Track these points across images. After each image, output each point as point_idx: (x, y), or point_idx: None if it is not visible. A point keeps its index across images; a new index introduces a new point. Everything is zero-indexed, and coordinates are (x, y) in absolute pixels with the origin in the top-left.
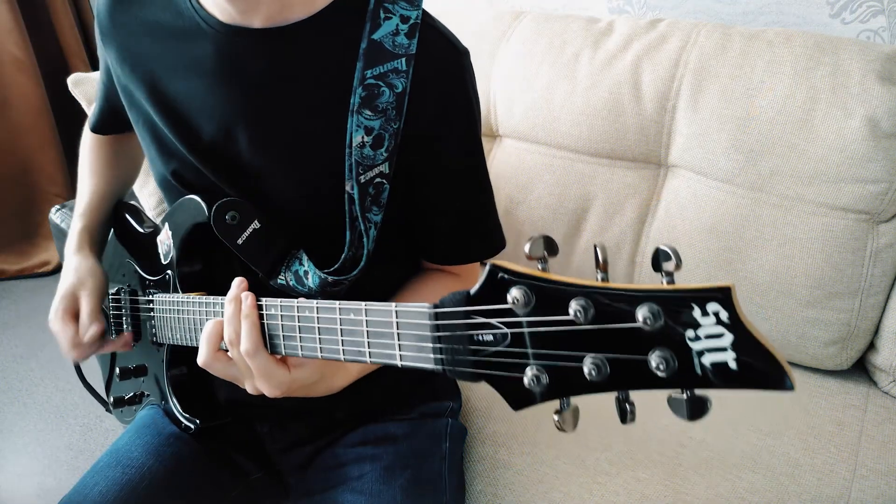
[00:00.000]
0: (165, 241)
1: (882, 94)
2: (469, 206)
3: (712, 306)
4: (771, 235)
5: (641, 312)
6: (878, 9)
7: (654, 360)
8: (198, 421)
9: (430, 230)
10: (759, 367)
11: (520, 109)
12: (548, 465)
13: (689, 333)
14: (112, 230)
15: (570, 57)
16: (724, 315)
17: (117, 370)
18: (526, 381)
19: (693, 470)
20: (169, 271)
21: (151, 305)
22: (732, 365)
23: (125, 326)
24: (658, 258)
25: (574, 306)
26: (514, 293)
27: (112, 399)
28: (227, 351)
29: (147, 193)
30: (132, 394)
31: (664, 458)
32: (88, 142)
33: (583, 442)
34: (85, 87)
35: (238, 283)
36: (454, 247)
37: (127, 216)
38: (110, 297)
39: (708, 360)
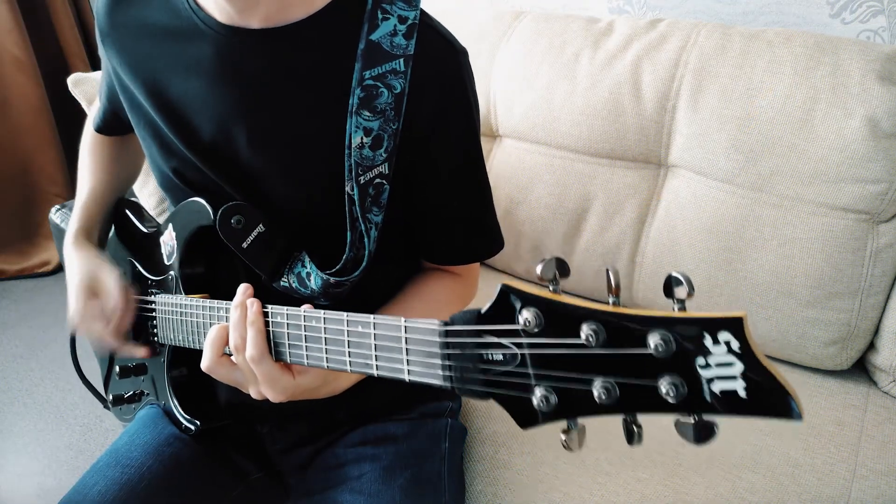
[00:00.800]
0: (169, 242)
1: (882, 94)
2: (468, 205)
3: (723, 335)
4: (771, 235)
5: (653, 339)
6: (878, 9)
7: (664, 385)
8: (198, 422)
9: (430, 230)
10: (768, 396)
11: (520, 109)
12: (548, 466)
13: (700, 361)
14: (113, 227)
15: (570, 57)
16: (735, 344)
17: (116, 368)
18: (535, 401)
19: (693, 470)
20: (172, 272)
21: (153, 306)
22: (742, 393)
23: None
24: (670, 284)
25: (586, 330)
26: (526, 315)
27: (111, 397)
28: (231, 356)
29: (147, 193)
30: (131, 392)
31: (664, 458)
32: (89, 140)
33: None
34: (85, 87)
35: (244, 289)
36: (454, 247)
37: (129, 213)
38: None
39: (717, 387)
